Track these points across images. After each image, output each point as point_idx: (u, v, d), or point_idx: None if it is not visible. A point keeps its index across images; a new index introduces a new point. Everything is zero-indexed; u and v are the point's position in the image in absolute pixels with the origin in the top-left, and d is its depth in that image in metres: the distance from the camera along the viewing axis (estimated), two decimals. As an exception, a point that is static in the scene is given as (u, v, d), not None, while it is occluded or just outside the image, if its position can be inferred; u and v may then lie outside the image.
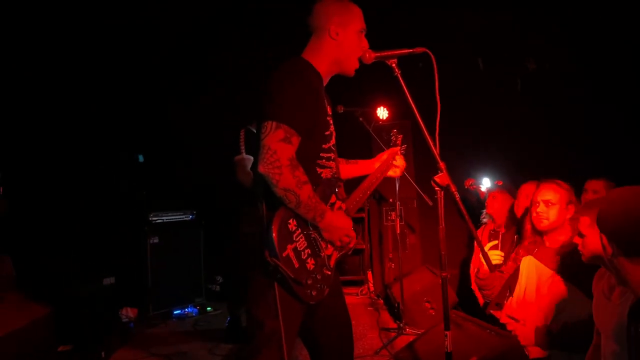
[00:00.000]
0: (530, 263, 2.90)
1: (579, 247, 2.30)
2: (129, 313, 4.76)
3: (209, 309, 5.14)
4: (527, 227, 3.21)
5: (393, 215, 5.11)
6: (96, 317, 4.18)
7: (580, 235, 2.28)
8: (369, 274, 5.78)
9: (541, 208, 3.01)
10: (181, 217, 5.37)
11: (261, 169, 1.81)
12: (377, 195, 5.41)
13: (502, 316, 3.04)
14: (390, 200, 5.17)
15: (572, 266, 2.83)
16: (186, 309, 5.06)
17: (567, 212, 2.99)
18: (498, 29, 5.07)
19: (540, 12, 4.81)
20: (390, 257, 5.23)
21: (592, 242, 2.22)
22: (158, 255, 5.01)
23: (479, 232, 4.15)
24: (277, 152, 1.81)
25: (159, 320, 4.84)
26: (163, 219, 5.20)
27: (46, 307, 3.91)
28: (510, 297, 3.00)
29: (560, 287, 2.77)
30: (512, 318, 2.92)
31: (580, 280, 2.78)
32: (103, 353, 3.84)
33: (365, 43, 2.14)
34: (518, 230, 3.72)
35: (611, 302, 2.22)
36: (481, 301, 3.68)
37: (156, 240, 5.04)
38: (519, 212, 3.78)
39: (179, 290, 5.15)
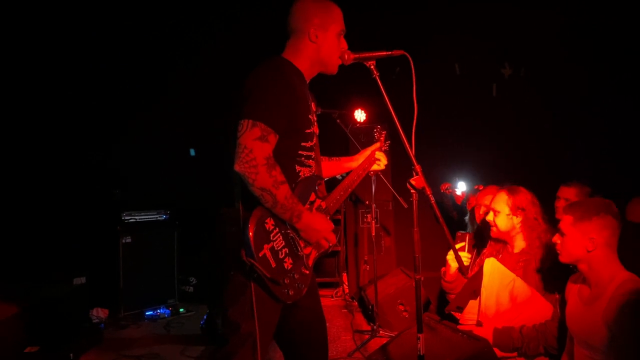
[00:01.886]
0: (493, 265, 2.92)
1: (557, 247, 2.34)
2: (99, 314, 4.68)
3: (181, 310, 5.07)
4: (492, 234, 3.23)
5: (369, 218, 5.12)
6: (65, 318, 4.08)
7: (561, 233, 2.31)
8: (344, 276, 5.79)
9: (489, 217, 3.08)
10: (155, 217, 5.29)
11: (237, 167, 1.80)
12: (353, 197, 5.43)
13: (461, 317, 3.06)
14: (367, 202, 5.18)
15: (534, 271, 2.87)
16: (158, 310, 4.98)
17: (515, 218, 3.02)
18: (475, 34, 5.14)
19: (518, 16, 4.88)
20: (366, 259, 5.25)
21: (572, 241, 2.25)
22: (130, 255, 4.93)
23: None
24: (253, 150, 1.80)
25: (131, 321, 4.75)
26: (136, 219, 5.12)
27: (14, 307, 3.81)
28: (472, 300, 3.02)
29: (520, 291, 2.80)
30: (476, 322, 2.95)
31: (542, 285, 2.83)
32: (72, 354, 3.75)
33: (344, 44, 2.14)
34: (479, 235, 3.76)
35: (585, 306, 2.26)
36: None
37: (129, 240, 4.96)
38: (478, 217, 3.81)
39: (151, 291, 5.07)
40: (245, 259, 1.81)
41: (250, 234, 1.80)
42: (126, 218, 5.03)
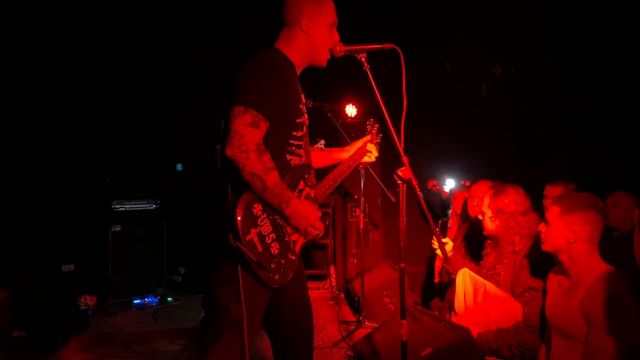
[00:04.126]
0: (465, 275, 2.99)
1: (542, 235, 2.41)
2: (87, 301, 4.71)
3: (169, 299, 5.10)
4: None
5: (357, 212, 5.18)
6: (54, 304, 4.10)
7: (547, 222, 2.39)
8: (332, 269, 5.84)
9: (480, 216, 3.19)
10: (145, 206, 5.30)
11: (228, 152, 1.84)
12: (342, 191, 5.48)
13: None
14: (356, 196, 5.24)
15: (513, 270, 2.95)
16: (146, 299, 5.00)
17: (496, 220, 3.09)
18: (467, 34, 5.21)
19: (509, 17, 4.95)
20: (353, 252, 5.30)
21: (556, 231, 2.33)
22: (120, 243, 4.94)
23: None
24: (244, 136, 1.84)
25: (119, 309, 4.77)
26: (126, 207, 5.13)
27: (3, 292, 3.84)
28: (453, 311, 3.09)
29: (491, 291, 2.87)
30: None
31: (520, 283, 2.90)
32: (59, 340, 3.79)
33: (336, 36, 2.19)
34: (471, 229, 3.83)
35: (564, 296, 2.34)
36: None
37: (118, 229, 4.97)
38: (472, 212, 3.87)
39: (139, 279, 5.09)
40: (232, 242, 1.84)
41: (238, 217, 1.84)
42: (116, 207, 5.04)
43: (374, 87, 2.08)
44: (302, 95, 2.19)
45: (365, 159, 2.58)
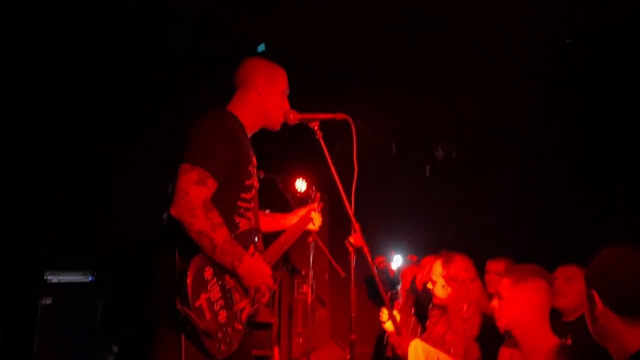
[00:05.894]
0: (417, 346, 2.96)
1: (495, 311, 2.38)
2: (6, 381, 4.29)
3: (99, 380, 4.73)
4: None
5: (305, 288, 5.09)
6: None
7: (499, 297, 2.36)
8: (276, 350, 5.61)
9: (429, 285, 3.21)
10: (80, 277, 5.01)
11: (173, 211, 1.79)
12: (289, 266, 5.39)
13: None
14: (303, 272, 5.16)
15: (466, 338, 2.94)
16: (74, 379, 4.62)
17: (448, 288, 3.12)
18: (411, 118, 5.45)
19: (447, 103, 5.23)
20: (299, 331, 5.15)
21: (510, 303, 2.32)
22: (49, 317, 4.60)
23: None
24: (190, 193, 1.81)
25: (42, 389, 4.37)
26: (60, 279, 4.83)
27: None
28: None
29: None
30: None
31: (474, 353, 2.88)
32: None
33: (287, 104, 2.27)
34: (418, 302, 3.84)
35: None
36: None
37: (49, 302, 4.64)
38: (419, 286, 3.89)
39: (69, 357, 4.71)
40: (179, 308, 1.75)
41: (189, 281, 1.77)
42: (49, 277, 4.74)
43: (327, 154, 2.11)
44: (254, 158, 2.20)
45: (310, 226, 2.61)
